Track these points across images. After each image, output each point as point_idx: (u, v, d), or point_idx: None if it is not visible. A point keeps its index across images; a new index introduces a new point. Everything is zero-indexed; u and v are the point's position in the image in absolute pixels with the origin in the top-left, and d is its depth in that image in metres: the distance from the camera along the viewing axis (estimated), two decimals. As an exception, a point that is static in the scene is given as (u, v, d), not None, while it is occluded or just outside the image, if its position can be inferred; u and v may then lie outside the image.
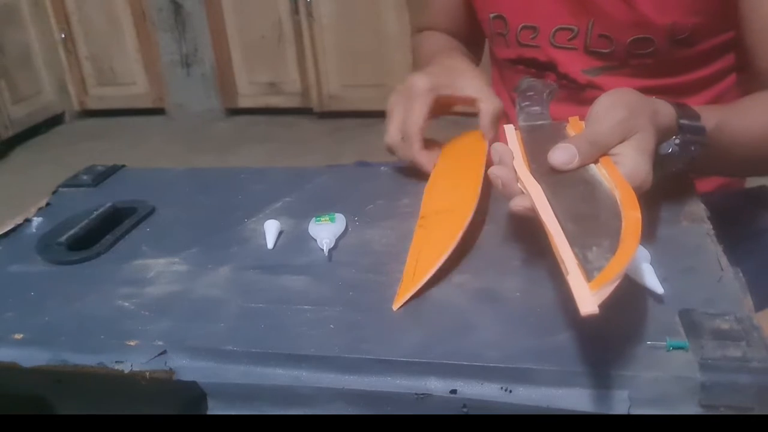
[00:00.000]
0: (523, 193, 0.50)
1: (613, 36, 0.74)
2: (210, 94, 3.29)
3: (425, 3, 0.97)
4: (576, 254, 0.40)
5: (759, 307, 0.48)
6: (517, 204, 0.49)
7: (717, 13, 0.70)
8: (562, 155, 0.50)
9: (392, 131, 0.69)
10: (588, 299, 0.37)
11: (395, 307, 0.50)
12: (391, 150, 0.71)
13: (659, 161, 0.57)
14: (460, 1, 0.90)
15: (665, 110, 0.57)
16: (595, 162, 0.51)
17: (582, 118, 0.78)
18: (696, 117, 0.59)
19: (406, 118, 0.68)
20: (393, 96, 0.71)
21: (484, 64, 0.96)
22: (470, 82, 0.71)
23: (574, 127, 0.57)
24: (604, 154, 0.51)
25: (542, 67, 0.81)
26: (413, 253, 0.55)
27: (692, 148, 0.57)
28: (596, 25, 0.75)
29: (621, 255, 0.39)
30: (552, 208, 0.46)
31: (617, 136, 0.51)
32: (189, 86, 3.28)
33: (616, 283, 0.37)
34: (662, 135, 0.56)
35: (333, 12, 2.96)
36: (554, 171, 0.50)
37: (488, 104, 0.69)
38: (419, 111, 0.68)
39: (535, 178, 0.50)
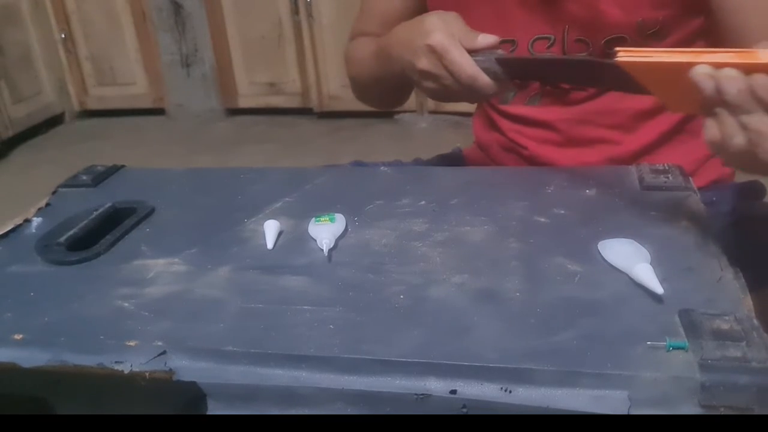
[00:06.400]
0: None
1: (588, 39, 0.76)
2: (210, 94, 3.28)
3: (362, 8, 0.92)
4: None
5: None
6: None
7: (683, 2, 0.72)
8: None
9: (467, 61, 0.65)
10: None
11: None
12: (481, 85, 0.65)
13: None
14: (402, 11, 0.87)
15: None
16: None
17: (572, 119, 0.79)
18: None
19: (473, 40, 0.67)
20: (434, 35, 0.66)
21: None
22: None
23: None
24: None
25: None
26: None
27: None
28: (571, 30, 0.76)
29: None
30: None
31: None
32: (189, 86, 3.28)
33: None
34: None
35: (333, 12, 2.96)
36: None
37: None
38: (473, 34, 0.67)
39: None
